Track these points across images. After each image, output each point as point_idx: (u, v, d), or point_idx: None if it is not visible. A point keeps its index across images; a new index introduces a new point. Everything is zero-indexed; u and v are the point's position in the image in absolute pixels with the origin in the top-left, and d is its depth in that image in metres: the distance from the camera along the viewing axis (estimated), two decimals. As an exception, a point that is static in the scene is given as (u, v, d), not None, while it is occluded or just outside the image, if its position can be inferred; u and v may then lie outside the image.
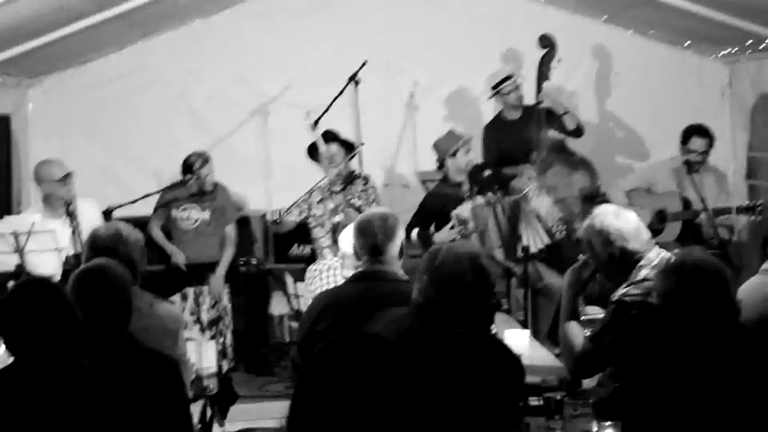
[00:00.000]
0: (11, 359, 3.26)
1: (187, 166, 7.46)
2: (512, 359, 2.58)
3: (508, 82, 7.67)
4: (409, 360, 2.31)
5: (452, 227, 6.89)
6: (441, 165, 7.26)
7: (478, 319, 3.48)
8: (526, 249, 6.55)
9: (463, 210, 6.92)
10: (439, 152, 7.24)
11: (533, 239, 6.93)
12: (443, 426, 2.42)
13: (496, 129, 7.81)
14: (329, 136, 7.33)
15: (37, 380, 3.14)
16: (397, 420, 2.20)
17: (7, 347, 3.27)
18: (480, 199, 6.93)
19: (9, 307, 3.24)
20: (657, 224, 7.23)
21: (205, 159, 7.48)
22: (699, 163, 7.32)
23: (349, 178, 7.30)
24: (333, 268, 5.45)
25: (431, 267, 3.56)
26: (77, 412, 3.12)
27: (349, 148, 7.35)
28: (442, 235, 6.94)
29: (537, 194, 7.08)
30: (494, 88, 7.72)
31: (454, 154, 7.14)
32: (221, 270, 7.41)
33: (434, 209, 7.17)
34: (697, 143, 7.33)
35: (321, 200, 7.31)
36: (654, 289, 3.72)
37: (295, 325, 7.51)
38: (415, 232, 7.12)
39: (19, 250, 5.94)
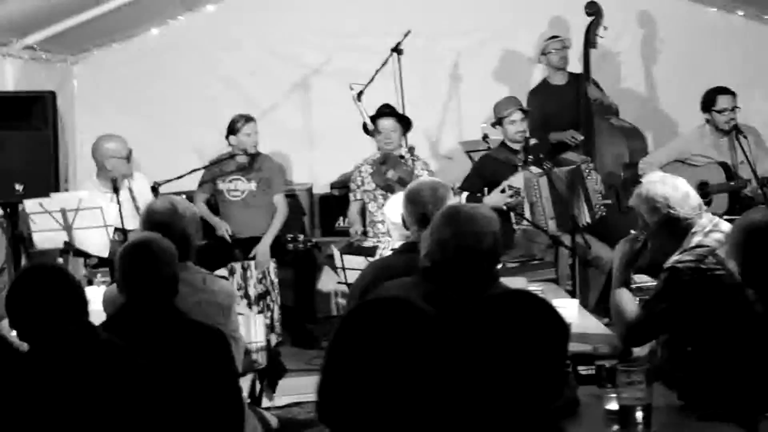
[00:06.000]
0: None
1: (231, 127, 7.42)
2: (554, 315, 2.51)
3: (555, 40, 7.64)
4: (438, 322, 2.28)
5: (503, 191, 6.84)
6: (498, 122, 7.19)
7: (489, 276, 3.53)
8: (574, 219, 6.48)
9: (516, 179, 6.86)
10: (495, 112, 7.19)
11: (582, 212, 6.88)
12: (486, 387, 2.37)
13: (542, 94, 7.78)
14: (385, 111, 7.20)
15: (56, 362, 3.14)
16: (425, 383, 2.18)
17: (19, 336, 3.28)
18: (534, 169, 6.87)
19: (15, 296, 3.25)
20: (701, 197, 7.08)
21: (247, 118, 7.44)
22: (733, 119, 7.13)
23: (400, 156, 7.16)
24: None
25: (439, 229, 3.55)
26: (102, 384, 3.11)
27: (405, 123, 7.23)
28: (493, 199, 6.90)
29: (589, 170, 6.99)
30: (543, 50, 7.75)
31: (501, 121, 7.08)
32: (267, 239, 7.36)
33: (487, 173, 7.14)
34: (724, 101, 7.14)
35: (372, 174, 7.24)
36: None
37: (342, 301, 7.50)
38: (464, 196, 7.07)
39: (67, 227, 5.97)
